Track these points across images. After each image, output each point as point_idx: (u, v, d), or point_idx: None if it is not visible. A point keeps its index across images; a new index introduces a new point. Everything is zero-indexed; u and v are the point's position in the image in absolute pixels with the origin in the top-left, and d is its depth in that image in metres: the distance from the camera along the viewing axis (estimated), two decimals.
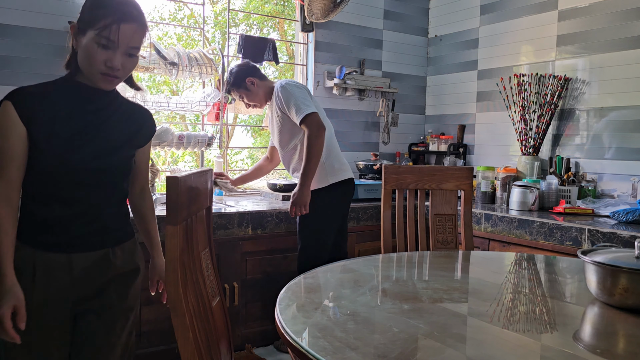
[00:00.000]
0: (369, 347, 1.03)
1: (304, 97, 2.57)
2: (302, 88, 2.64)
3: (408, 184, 2.38)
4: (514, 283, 1.62)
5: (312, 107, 2.51)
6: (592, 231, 2.37)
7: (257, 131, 7.67)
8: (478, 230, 2.88)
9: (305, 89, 2.65)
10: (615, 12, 2.98)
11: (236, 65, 2.80)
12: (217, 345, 1.33)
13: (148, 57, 2.88)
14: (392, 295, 1.41)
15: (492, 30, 3.69)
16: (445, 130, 4.03)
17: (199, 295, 1.29)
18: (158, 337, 2.57)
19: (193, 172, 1.25)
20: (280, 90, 2.59)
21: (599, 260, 1.28)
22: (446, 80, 4.06)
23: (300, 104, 2.51)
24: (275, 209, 2.88)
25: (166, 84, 7.09)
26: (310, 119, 2.48)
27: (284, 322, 1.15)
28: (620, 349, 1.12)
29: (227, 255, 2.73)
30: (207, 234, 1.44)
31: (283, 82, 2.64)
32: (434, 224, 2.37)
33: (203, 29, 3.49)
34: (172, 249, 1.10)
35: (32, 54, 2.75)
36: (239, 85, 2.72)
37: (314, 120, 2.48)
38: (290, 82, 2.66)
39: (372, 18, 3.93)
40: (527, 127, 3.23)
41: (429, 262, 1.85)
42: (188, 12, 7.56)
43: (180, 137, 3.01)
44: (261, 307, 2.87)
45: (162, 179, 3.77)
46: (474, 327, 1.19)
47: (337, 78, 3.72)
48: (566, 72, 3.20)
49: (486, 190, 3.26)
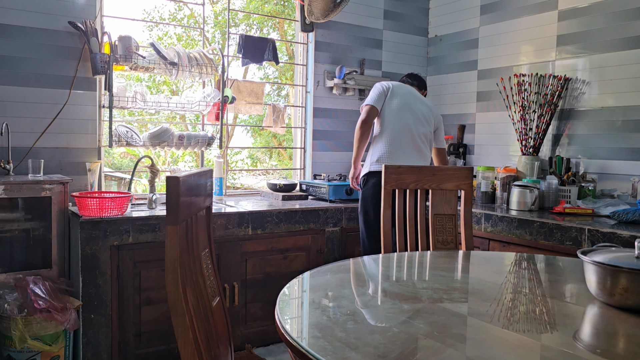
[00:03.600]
0: (369, 347, 1.03)
1: (373, 93, 2.96)
2: (377, 86, 2.99)
3: (408, 184, 2.38)
4: (514, 283, 1.62)
5: (370, 101, 2.91)
6: (592, 231, 2.37)
7: (257, 131, 7.66)
8: (478, 230, 2.88)
9: (380, 87, 2.97)
10: (615, 12, 2.98)
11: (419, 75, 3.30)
12: (217, 345, 1.33)
13: (148, 57, 2.88)
14: (392, 295, 1.41)
15: (492, 30, 3.69)
16: (445, 130, 4.02)
17: (199, 295, 1.29)
18: (158, 337, 2.57)
19: (193, 172, 1.25)
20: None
21: (599, 260, 1.28)
22: (446, 80, 4.06)
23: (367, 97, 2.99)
24: (275, 209, 2.88)
25: (166, 84, 7.09)
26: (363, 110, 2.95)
27: (284, 322, 1.15)
28: (620, 349, 1.12)
29: (227, 255, 2.73)
30: (207, 234, 1.44)
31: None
32: (434, 224, 2.36)
33: (203, 29, 3.48)
34: (172, 249, 1.10)
35: (32, 54, 2.75)
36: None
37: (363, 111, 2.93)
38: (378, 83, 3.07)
39: (372, 18, 3.93)
40: (527, 127, 3.23)
41: (429, 262, 1.85)
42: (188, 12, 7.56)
43: (180, 137, 3.01)
44: (261, 307, 2.87)
45: (162, 179, 3.77)
46: (474, 327, 1.19)
47: (337, 78, 3.72)
48: (566, 72, 3.20)
49: (486, 190, 3.26)
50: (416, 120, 2.95)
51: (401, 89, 3.00)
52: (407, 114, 2.94)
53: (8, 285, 2.39)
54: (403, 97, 2.96)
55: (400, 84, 3.05)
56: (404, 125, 2.91)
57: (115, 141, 2.83)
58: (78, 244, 2.39)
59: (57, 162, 2.84)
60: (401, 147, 2.90)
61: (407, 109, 2.94)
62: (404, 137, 2.91)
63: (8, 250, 2.52)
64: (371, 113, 2.88)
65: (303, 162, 3.81)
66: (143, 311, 2.54)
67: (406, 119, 2.93)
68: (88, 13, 2.87)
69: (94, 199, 2.45)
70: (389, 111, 2.92)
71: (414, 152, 2.93)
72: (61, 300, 2.35)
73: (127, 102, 2.88)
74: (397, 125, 2.91)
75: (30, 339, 2.30)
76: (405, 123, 2.92)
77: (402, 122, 2.92)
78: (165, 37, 7.47)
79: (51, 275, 2.50)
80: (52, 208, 2.50)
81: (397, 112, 2.92)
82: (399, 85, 3.02)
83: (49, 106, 2.81)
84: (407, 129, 2.92)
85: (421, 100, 3.05)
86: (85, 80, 2.89)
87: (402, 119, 2.92)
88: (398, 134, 2.91)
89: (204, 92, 3.16)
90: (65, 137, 2.86)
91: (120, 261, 2.46)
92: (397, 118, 2.92)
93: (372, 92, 2.94)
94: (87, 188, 2.87)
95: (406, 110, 2.94)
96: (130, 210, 2.68)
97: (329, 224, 3.07)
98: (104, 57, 2.77)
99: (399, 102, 2.94)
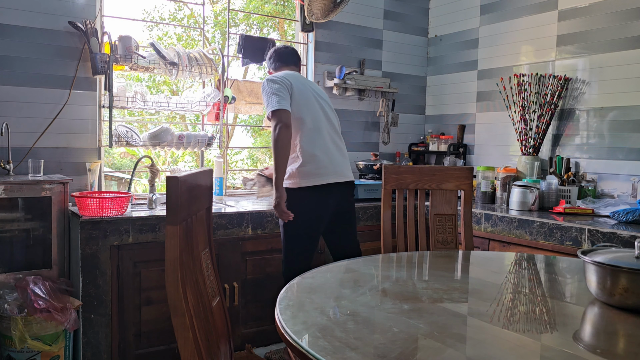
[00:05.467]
0: (369, 347, 1.03)
1: (277, 91, 2.41)
2: (279, 81, 2.46)
3: (408, 184, 2.38)
4: (514, 283, 1.61)
5: (279, 104, 2.37)
6: (592, 231, 2.37)
7: (257, 131, 7.66)
8: (478, 230, 2.88)
9: (282, 81, 2.47)
10: (615, 12, 2.98)
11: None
12: (217, 345, 1.33)
13: (148, 57, 2.88)
14: (392, 295, 1.41)
15: (492, 30, 3.69)
16: (445, 130, 4.03)
17: (199, 295, 1.29)
18: (158, 337, 2.57)
19: (193, 172, 1.25)
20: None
21: (599, 260, 1.28)
22: (446, 80, 4.06)
23: (268, 99, 2.40)
24: None
25: (166, 84, 7.09)
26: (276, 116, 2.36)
27: (284, 322, 1.15)
28: (620, 349, 1.12)
29: (227, 255, 2.73)
30: (207, 234, 1.44)
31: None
32: (434, 224, 2.36)
33: (203, 29, 3.48)
34: (172, 249, 1.10)
35: (32, 54, 2.75)
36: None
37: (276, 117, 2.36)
38: (270, 77, 2.51)
39: (372, 18, 3.93)
40: (527, 127, 3.23)
41: (429, 262, 1.85)
42: (188, 12, 7.56)
43: (180, 137, 3.01)
44: (261, 307, 2.87)
45: (162, 179, 3.77)
46: (474, 327, 1.19)
47: (337, 78, 3.72)
48: (566, 72, 3.20)
49: (486, 190, 3.26)
50: (325, 114, 2.60)
51: (296, 80, 2.55)
52: (317, 110, 2.56)
53: (8, 285, 2.39)
54: (303, 90, 2.53)
55: (292, 74, 2.59)
56: (318, 126, 2.54)
57: (115, 141, 2.83)
58: (78, 244, 2.39)
59: (57, 162, 2.84)
60: (322, 151, 2.52)
61: (315, 103, 2.57)
62: (322, 139, 2.54)
63: (8, 250, 2.52)
64: (287, 116, 2.38)
65: None
66: (143, 311, 2.53)
67: (319, 117, 2.55)
68: (88, 13, 2.87)
69: (94, 199, 2.45)
70: (300, 112, 2.48)
71: (336, 152, 2.59)
72: (61, 300, 2.34)
73: (127, 102, 2.88)
74: (312, 127, 2.52)
75: (30, 339, 2.30)
76: (319, 122, 2.55)
77: (315, 122, 2.53)
78: (165, 37, 7.47)
79: (51, 275, 2.50)
80: (52, 208, 2.50)
81: (307, 111, 2.51)
82: (292, 76, 2.56)
83: (49, 106, 2.81)
84: (322, 128, 2.55)
85: (318, 87, 2.71)
86: (85, 80, 2.89)
87: (315, 118, 2.54)
88: (315, 137, 2.52)
89: (204, 92, 3.16)
90: (65, 137, 2.86)
91: (120, 261, 2.46)
92: (310, 118, 2.52)
93: (273, 92, 2.41)
94: (87, 188, 2.87)
95: (314, 105, 2.56)
96: (130, 210, 2.68)
97: None
98: (104, 57, 2.77)
99: (302, 98, 2.51)
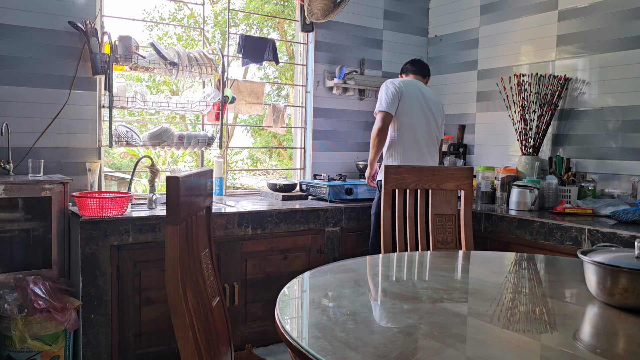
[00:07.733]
0: (369, 347, 1.03)
1: (390, 94, 2.93)
2: (395, 86, 2.96)
3: (408, 184, 2.38)
4: (514, 283, 1.61)
5: (385, 106, 2.91)
6: (592, 231, 2.37)
7: (257, 131, 7.66)
8: (478, 230, 2.88)
9: (397, 87, 2.95)
10: (615, 12, 2.98)
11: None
12: (217, 345, 1.33)
13: (148, 57, 2.88)
14: (392, 295, 1.41)
15: (492, 30, 3.69)
16: (445, 130, 4.02)
17: (199, 295, 1.29)
18: (158, 337, 2.57)
19: (193, 172, 1.25)
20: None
21: (599, 260, 1.28)
22: (446, 80, 4.06)
23: (381, 98, 2.98)
24: (275, 209, 2.88)
25: (166, 84, 7.09)
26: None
27: (284, 322, 1.15)
28: (620, 349, 1.12)
29: (227, 255, 2.73)
30: (207, 234, 1.44)
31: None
32: (434, 224, 2.36)
33: (203, 29, 3.48)
34: (172, 249, 1.10)
35: (32, 54, 2.75)
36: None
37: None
38: (392, 79, 3.04)
39: (372, 18, 3.93)
40: (527, 127, 3.23)
41: (429, 262, 1.85)
42: (188, 12, 7.56)
43: (180, 137, 3.01)
44: (261, 307, 2.87)
45: (162, 179, 3.77)
46: (474, 327, 1.19)
47: (337, 78, 3.72)
48: (566, 72, 3.20)
49: (486, 190, 3.26)
50: (427, 124, 3.02)
51: (411, 87, 3.00)
52: (421, 117, 2.99)
53: (8, 285, 2.39)
54: (415, 98, 2.99)
55: (410, 81, 3.05)
56: (417, 131, 2.98)
57: (115, 141, 2.83)
58: (78, 244, 2.39)
59: (57, 162, 2.84)
60: (415, 152, 2.98)
61: (420, 112, 3.00)
62: (418, 143, 2.99)
63: (8, 250, 2.52)
64: (387, 119, 2.91)
65: (303, 162, 3.81)
66: (143, 311, 2.53)
67: (420, 124, 2.99)
68: (88, 13, 2.87)
69: (94, 199, 2.45)
70: (402, 115, 2.95)
71: (427, 157, 3.02)
72: (61, 300, 2.34)
73: (127, 102, 2.88)
74: (411, 131, 2.97)
75: (30, 339, 2.30)
76: (419, 128, 2.99)
77: (416, 127, 2.98)
78: (165, 37, 7.47)
79: (51, 275, 2.50)
80: (52, 208, 2.50)
81: (411, 117, 2.97)
82: (409, 84, 3.02)
83: (49, 106, 2.81)
84: (420, 134, 2.99)
85: (431, 98, 3.08)
86: (85, 80, 2.89)
87: (417, 124, 2.98)
88: (412, 140, 2.97)
89: (204, 92, 3.16)
90: (65, 137, 2.86)
91: (120, 261, 2.46)
92: (411, 123, 2.97)
93: (385, 95, 2.93)
94: (87, 188, 2.87)
95: (419, 113, 2.99)
96: (130, 210, 2.68)
97: (329, 224, 3.07)
98: (104, 57, 2.77)
99: (412, 105, 2.97)
